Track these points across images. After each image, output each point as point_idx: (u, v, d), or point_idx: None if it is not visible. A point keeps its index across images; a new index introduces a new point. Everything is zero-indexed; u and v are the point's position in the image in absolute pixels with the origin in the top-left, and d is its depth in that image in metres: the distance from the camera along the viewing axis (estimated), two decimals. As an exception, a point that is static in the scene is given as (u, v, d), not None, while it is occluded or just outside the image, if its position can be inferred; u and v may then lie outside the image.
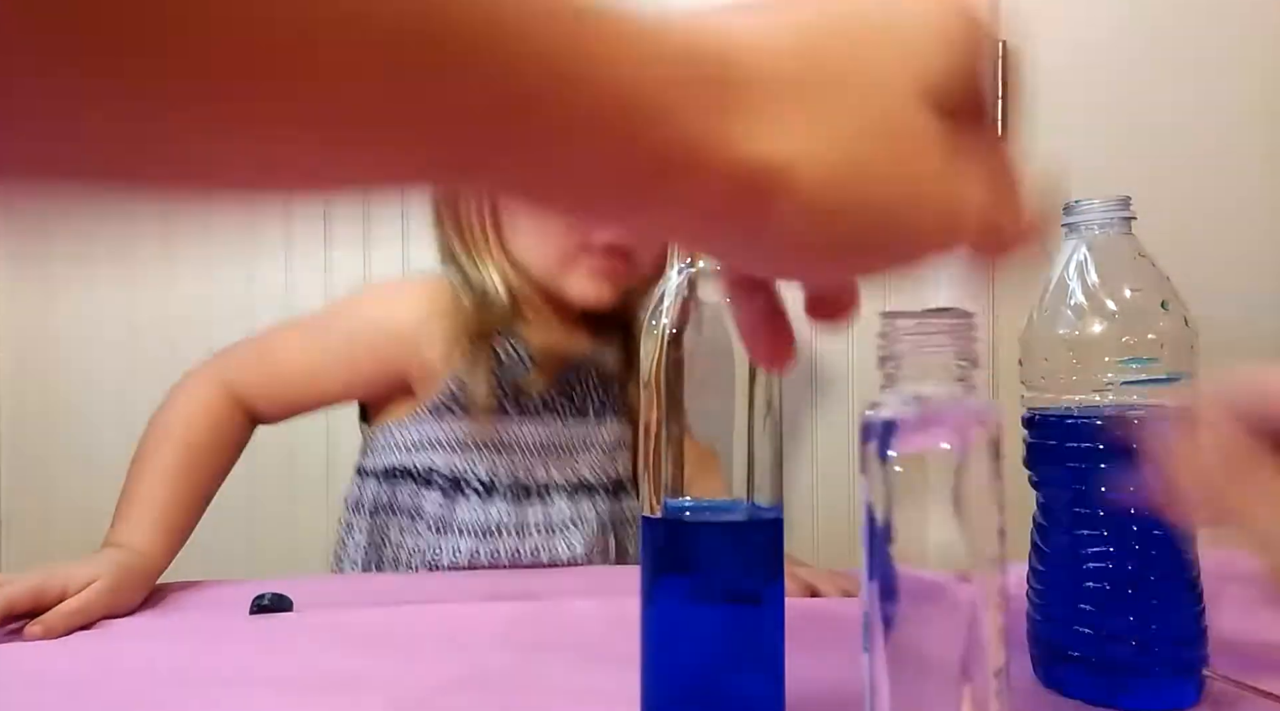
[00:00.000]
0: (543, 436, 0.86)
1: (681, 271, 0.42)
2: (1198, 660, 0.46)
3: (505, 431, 0.85)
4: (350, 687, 0.49)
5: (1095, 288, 0.48)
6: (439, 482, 0.85)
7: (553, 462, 0.86)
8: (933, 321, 0.29)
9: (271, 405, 0.85)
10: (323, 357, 0.86)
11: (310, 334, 0.88)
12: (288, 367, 0.85)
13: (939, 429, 0.28)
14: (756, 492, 0.42)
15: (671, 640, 0.42)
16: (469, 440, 0.84)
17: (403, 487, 0.86)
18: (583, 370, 0.88)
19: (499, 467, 0.85)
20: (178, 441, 0.78)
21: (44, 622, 0.59)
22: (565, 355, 0.86)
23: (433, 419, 0.85)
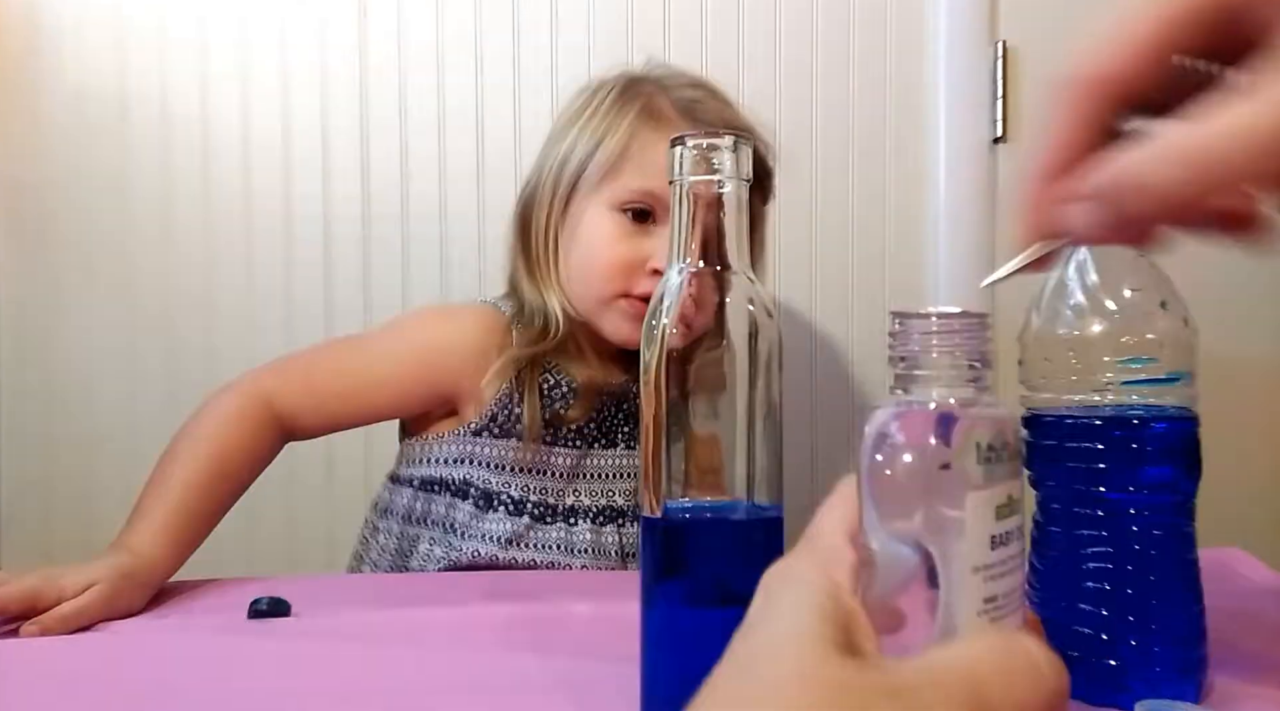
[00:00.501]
0: (576, 462, 0.89)
1: (681, 271, 0.42)
2: (1198, 660, 0.46)
3: (542, 455, 0.87)
4: (349, 690, 0.49)
5: (1095, 288, 0.48)
6: (474, 495, 0.87)
7: (584, 487, 0.89)
8: (945, 321, 0.29)
9: (314, 419, 0.86)
10: (372, 375, 0.88)
11: (359, 351, 0.91)
12: (335, 384, 0.87)
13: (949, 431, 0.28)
14: (756, 492, 0.42)
15: (672, 640, 0.42)
16: (505, 461, 0.87)
17: (438, 499, 0.88)
18: (618, 402, 0.91)
19: (531, 488, 0.87)
20: (204, 452, 0.78)
21: (40, 624, 0.59)
22: (603, 388, 0.89)
23: (474, 437, 0.87)
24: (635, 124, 0.86)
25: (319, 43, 1.21)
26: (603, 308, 0.86)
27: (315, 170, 1.21)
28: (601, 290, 0.85)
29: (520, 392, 0.86)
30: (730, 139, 0.42)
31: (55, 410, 1.22)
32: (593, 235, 0.86)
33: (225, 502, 0.79)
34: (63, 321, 1.22)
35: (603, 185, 0.86)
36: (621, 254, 0.84)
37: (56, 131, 1.21)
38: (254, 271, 1.21)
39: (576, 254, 0.87)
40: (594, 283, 0.86)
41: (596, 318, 0.87)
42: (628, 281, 0.84)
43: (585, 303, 0.87)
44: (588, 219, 0.87)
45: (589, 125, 0.88)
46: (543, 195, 0.89)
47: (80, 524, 1.22)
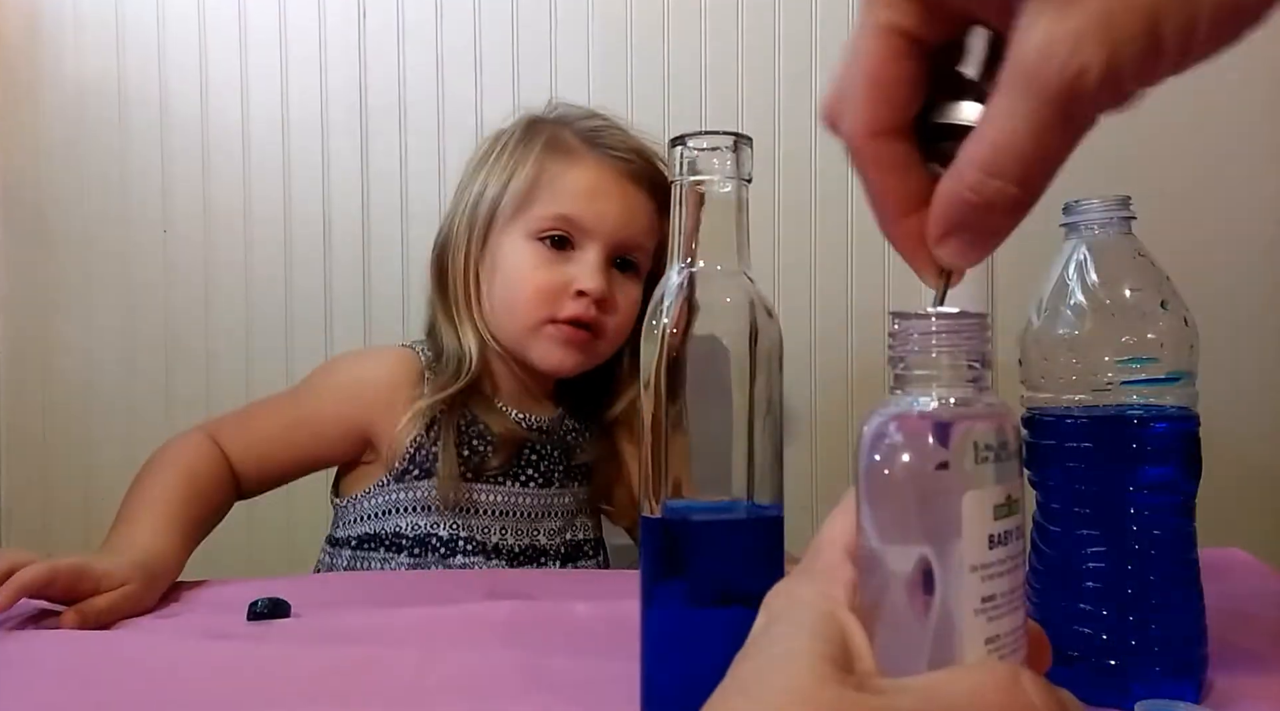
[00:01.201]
0: (501, 503, 0.90)
1: (681, 271, 0.42)
2: (1198, 660, 0.46)
3: (467, 493, 0.88)
4: (349, 690, 0.49)
5: (1095, 287, 0.48)
6: (406, 545, 0.88)
7: (510, 528, 0.90)
8: (944, 321, 0.29)
9: (251, 469, 0.87)
10: (294, 419, 0.89)
11: (285, 399, 0.92)
12: (263, 432, 0.88)
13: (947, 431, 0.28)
14: (756, 492, 0.42)
15: (671, 640, 0.42)
16: (431, 501, 0.88)
17: (374, 556, 0.89)
18: (546, 439, 0.92)
19: (460, 528, 0.88)
20: (179, 474, 0.80)
21: (81, 613, 0.60)
22: (522, 438, 0.90)
23: (396, 484, 0.88)
24: (542, 156, 0.88)
25: (318, 43, 1.21)
26: (530, 336, 0.87)
27: (315, 170, 1.21)
28: (527, 317, 0.86)
29: (436, 434, 0.87)
30: (730, 139, 0.42)
31: (55, 410, 1.22)
32: (514, 265, 0.87)
33: (201, 521, 0.79)
34: (62, 321, 1.22)
35: (518, 216, 0.88)
36: (545, 279, 0.86)
37: (56, 131, 1.21)
38: (253, 272, 1.21)
39: (499, 286, 0.88)
40: (519, 311, 0.87)
41: (524, 348, 0.88)
42: (553, 306, 0.86)
43: (512, 334, 0.88)
44: (506, 251, 0.88)
45: (497, 165, 0.90)
46: (458, 236, 0.90)
47: (80, 524, 1.22)
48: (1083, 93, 0.26)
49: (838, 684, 0.25)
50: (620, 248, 0.88)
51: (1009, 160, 0.28)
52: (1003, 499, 0.28)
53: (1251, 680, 0.47)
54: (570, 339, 0.87)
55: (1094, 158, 0.38)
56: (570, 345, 0.87)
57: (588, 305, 0.85)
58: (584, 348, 0.87)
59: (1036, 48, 0.26)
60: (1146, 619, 0.45)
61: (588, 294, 0.85)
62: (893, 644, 0.28)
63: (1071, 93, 0.26)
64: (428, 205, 1.21)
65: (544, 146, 0.89)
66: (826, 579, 0.29)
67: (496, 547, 0.88)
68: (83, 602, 0.61)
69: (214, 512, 0.82)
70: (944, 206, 0.29)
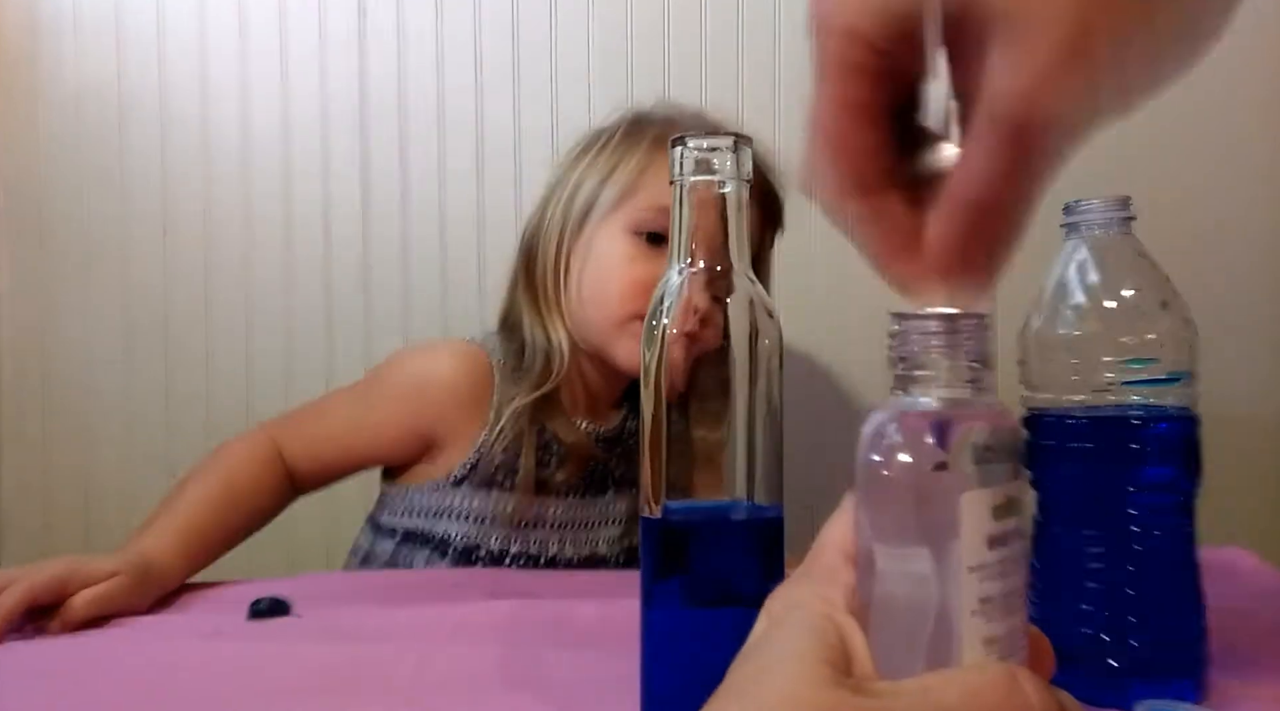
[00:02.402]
0: (563, 514, 0.88)
1: (681, 272, 0.42)
2: (1198, 660, 0.46)
3: (529, 507, 0.86)
4: (349, 688, 0.49)
5: (1095, 287, 0.48)
6: (452, 553, 0.86)
7: (569, 538, 0.88)
8: (945, 322, 0.29)
9: (310, 465, 0.86)
10: (355, 422, 0.87)
11: (349, 398, 0.90)
12: (324, 432, 0.87)
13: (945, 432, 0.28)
14: (756, 492, 0.42)
15: (672, 640, 0.42)
16: (486, 513, 0.86)
17: (419, 554, 0.87)
18: (610, 446, 0.90)
19: (513, 540, 0.86)
20: (214, 481, 0.79)
21: (61, 619, 0.60)
22: (590, 452, 0.88)
23: (453, 488, 0.86)
24: (650, 149, 0.85)
25: (318, 43, 1.21)
26: (617, 332, 0.84)
27: (315, 170, 1.21)
28: (617, 312, 0.83)
29: (507, 443, 0.85)
30: (730, 139, 0.42)
31: (55, 410, 1.22)
32: (608, 258, 0.85)
33: (235, 527, 0.79)
34: (62, 322, 1.22)
35: (618, 209, 0.85)
36: (638, 274, 0.83)
37: (56, 132, 1.21)
38: (252, 272, 1.21)
39: (589, 278, 0.86)
40: (609, 305, 0.84)
41: (609, 344, 0.85)
42: (644, 302, 0.82)
43: (597, 328, 0.85)
44: (601, 243, 0.85)
45: (599, 158, 0.87)
46: (550, 226, 0.88)
47: (80, 524, 1.22)
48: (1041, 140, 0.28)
49: (835, 686, 0.25)
50: None
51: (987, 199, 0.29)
52: (1002, 500, 0.28)
53: (1251, 680, 0.47)
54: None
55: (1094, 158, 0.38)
56: None
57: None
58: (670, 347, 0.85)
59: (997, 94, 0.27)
60: (1147, 619, 0.45)
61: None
62: (891, 645, 0.28)
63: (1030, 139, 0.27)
64: (427, 205, 1.21)
65: (652, 141, 0.86)
66: (825, 581, 0.29)
67: (553, 560, 0.87)
68: (65, 605, 0.61)
69: (250, 519, 0.81)
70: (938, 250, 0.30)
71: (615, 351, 0.85)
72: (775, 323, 0.43)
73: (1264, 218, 1.23)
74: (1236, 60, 1.22)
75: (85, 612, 0.61)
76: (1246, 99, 1.22)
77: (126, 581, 0.64)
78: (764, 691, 0.26)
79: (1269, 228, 1.23)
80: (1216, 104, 1.21)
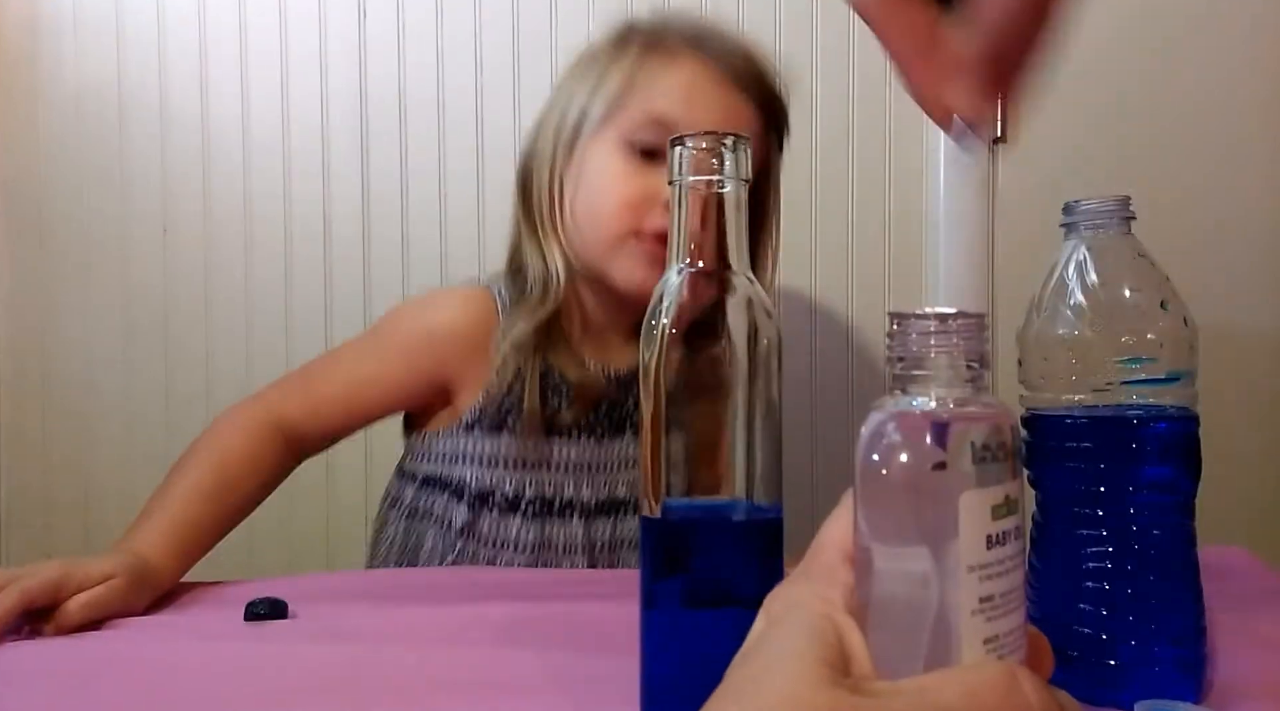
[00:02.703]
0: (575, 457, 0.86)
1: (681, 271, 0.42)
2: (1198, 660, 0.46)
3: (541, 449, 0.85)
4: (347, 689, 0.49)
5: (1095, 287, 0.48)
6: (468, 496, 0.85)
7: (585, 481, 0.86)
8: (943, 321, 0.29)
9: (315, 425, 0.84)
10: (361, 378, 0.86)
11: (350, 351, 0.88)
12: (328, 393, 0.85)
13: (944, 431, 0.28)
14: (756, 492, 0.42)
15: (671, 640, 0.42)
16: (498, 457, 0.85)
17: (438, 498, 0.87)
18: (627, 388, 0.87)
19: (527, 483, 0.85)
20: (206, 462, 0.78)
21: (56, 623, 0.60)
22: (599, 391, 0.86)
23: (466, 433, 0.85)
24: (638, 55, 0.82)
25: (318, 43, 1.21)
26: (612, 252, 0.81)
27: (315, 169, 1.21)
28: (611, 229, 0.81)
29: (514, 384, 0.83)
30: (730, 139, 0.42)
31: (55, 410, 1.22)
32: (600, 174, 0.81)
33: (230, 513, 0.78)
34: (62, 322, 1.22)
35: (609, 121, 0.82)
36: (632, 189, 0.80)
37: (56, 131, 1.21)
38: (252, 272, 1.22)
39: (583, 198, 0.83)
40: (603, 223, 0.81)
41: (606, 266, 0.82)
42: (638, 218, 0.80)
43: (594, 250, 0.82)
44: (594, 159, 0.82)
45: (589, 73, 0.84)
46: (543, 148, 0.85)
47: (80, 524, 1.22)
48: None
49: (833, 687, 0.25)
50: None
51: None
52: (1001, 499, 0.28)
53: (1251, 680, 0.47)
54: (656, 255, 0.79)
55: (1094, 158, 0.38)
56: (655, 263, 0.79)
57: None
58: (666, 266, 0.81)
59: None
60: (1146, 619, 0.45)
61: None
62: (890, 645, 0.28)
63: None
64: (428, 205, 1.21)
65: (641, 47, 0.82)
66: (824, 581, 0.29)
67: (569, 503, 0.85)
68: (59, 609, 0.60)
69: (247, 500, 0.79)
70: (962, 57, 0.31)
71: (612, 272, 0.82)
72: (775, 322, 0.43)
73: (1264, 218, 1.23)
74: (1237, 60, 1.22)
75: (80, 617, 0.60)
76: (1246, 99, 1.22)
77: (122, 584, 0.63)
78: (763, 691, 0.26)
79: (1269, 228, 1.23)
80: (1216, 104, 1.21)
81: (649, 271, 0.80)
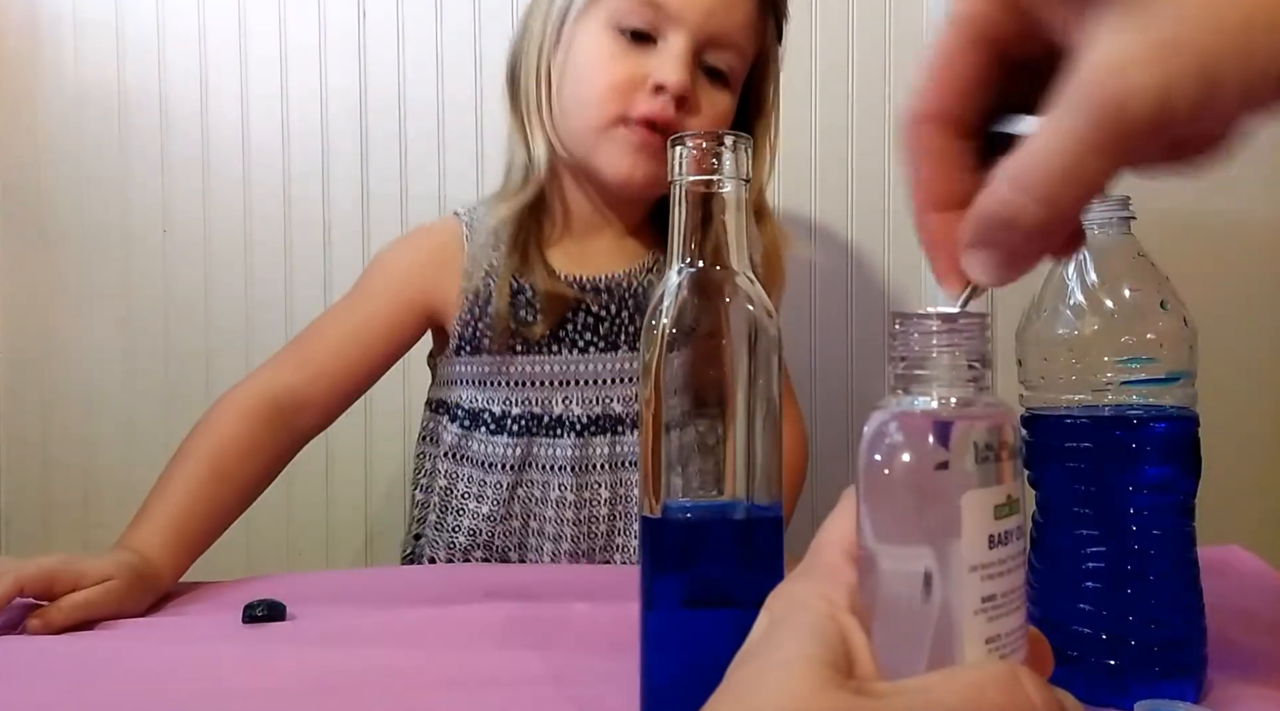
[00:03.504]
0: (559, 372, 0.84)
1: (681, 271, 0.42)
2: (1198, 660, 0.46)
3: (522, 366, 0.84)
4: (346, 692, 0.49)
5: (1095, 287, 0.48)
6: (461, 417, 0.86)
7: (576, 396, 0.84)
8: (945, 322, 0.29)
9: (317, 393, 0.82)
10: (357, 327, 0.84)
11: (338, 308, 0.88)
12: (328, 352, 0.83)
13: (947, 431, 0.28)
14: (756, 492, 0.42)
15: (671, 640, 0.42)
16: (483, 377, 0.85)
17: (441, 419, 0.88)
18: (622, 299, 0.85)
19: (514, 401, 0.84)
20: (203, 453, 0.76)
21: (43, 617, 0.59)
22: (568, 300, 0.83)
23: (455, 357, 0.86)
24: None
25: (318, 44, 1.21)
26: (599, 138, 0.79)
27: (315, 170, 1.21)
28: (599, 114, 0.78)
29: (485, 301, 0.83)
30: (730, 138, 0.42)
31: (55, 410, 1.22)
32: (587, 57, 0.79)
33: (229, 503, 0.76)
34: (62, 322, 1.22)
35: (597, 2, 0.79)
36: (619, 72, 0.77)
37: (56, 131, 1.21)
38: (252, 272, 1.22)
39: (570, 82, 0.80)
40: (590, 107, 0.79)
41: (593, 154, 0.79)
42: (625, 102, 0.77)
43: (581, 137, 0.80)
44: (581, 42, 0.79)
45: None
46: (530, 35, 0.83)
47: (80, 524, 1.22)
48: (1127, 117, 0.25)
49: (835, 687, 0.25)
50: (710, 41, 0.78)
51: (1039, 176, 0.27)
52: (1003, 499, 0.28)
53: (1251, 680, 0.47)
54: (643, 143, 0.77)
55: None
56: (642, 151, 0.77)
57: (665, 103, 0.76)
58: (657, 155, 0.75)
59: (1090, 63, 0.26)
60: (1146, 619, 0.45)
61: (666, 89, 0.76)
62: (892, 645, 0.28)
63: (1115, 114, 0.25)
64: (428, 205, 1.21)
65: None
66: (827, 580, 0.29)
67: (559, 420, 0.84)
68: (50, 606, 0.59)
69: (247, 488, 0.78)
70: (974, 214, 0.29)
71: (598, 161, 0.80)
72: (775, 322, 0.43)
73: (1264, 218, 1.23)
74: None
75: (66, 619, 0.59)
76: (1246, 99, 1.22)
77: (118, 587, 0.62)
78: (765, 692, 0.26)
79: (1269, 228, 1.23)
80: (1216, 104, 1.21)
81: (636, 159, 0.78)
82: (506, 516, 0.85)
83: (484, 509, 0.85)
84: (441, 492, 0.87)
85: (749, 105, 0.87)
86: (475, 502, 0.85)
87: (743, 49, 0.81)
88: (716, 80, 0.80)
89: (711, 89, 0.80)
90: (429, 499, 0.89)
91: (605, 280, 0.85)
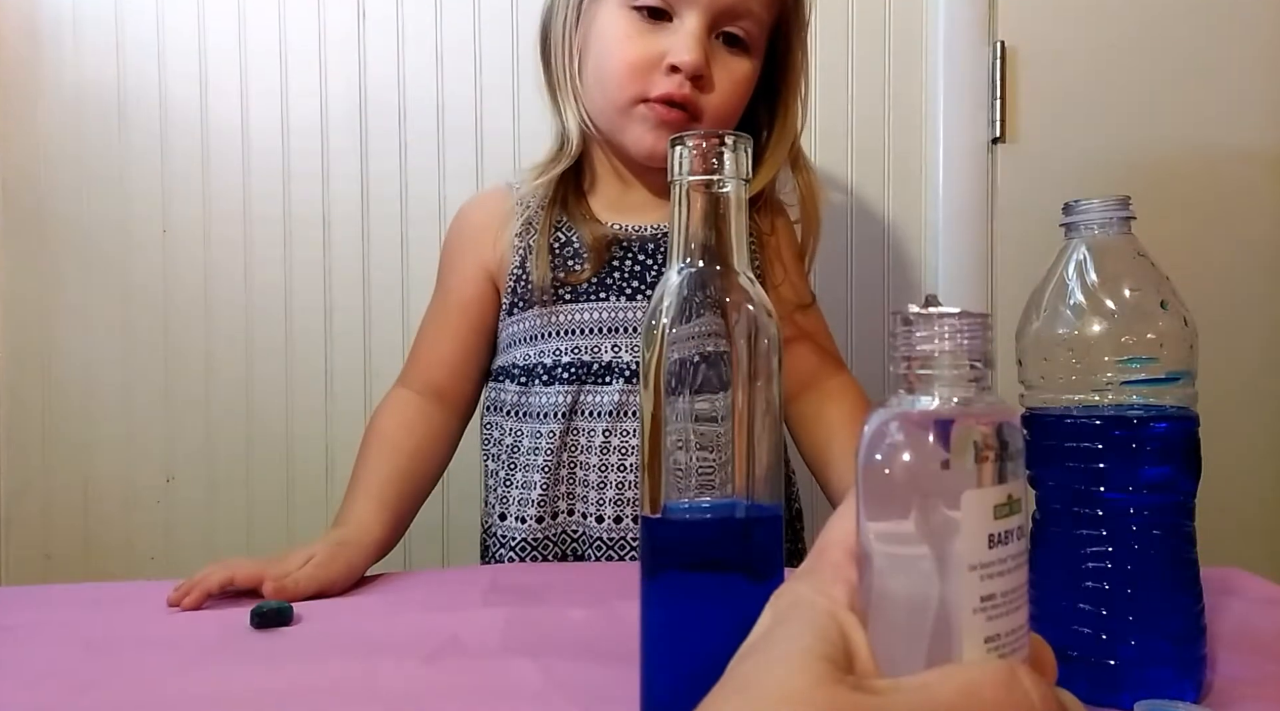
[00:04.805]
0: (607, 319, 0.85)
1: (681, 271, 0.42)
2: (1198, 660, 0.46)
3: (568, 315, 0.85)
4: (349, 695, 0.49)
5: (1095, 287, 0.48)
6: (516, 374, 0.87)
7: (624, 344, 0.84)
8: (946, 321, 0.29)
9: (447, 374, 0.88)
10: (448, 313, 0.90)
11: (434, 303, 0.92)
12: (436, 347, 0.89)
13: (947, 430, 0.28)
14: (756, 492, 0.42)
15: (671, 640, 0.42)
16: (534, 331, 0.86)
17: (500, 386, 0.90)
18: (652, 250, 0.86)
19: (564, 352, 0.85)
20: (376, 441, 0.84)
21: (277, 583, 0.65)
22: (610, 240, 0.85)
23: (508, 317, 0.88)
24: None
25: (318, 43, 1.21)
26: (622, 118, 0.82)
27: (315, 170, 1.21)
28: (618, 95, 0.81)
29: (529, 256, 0.85)
30: (730, 138, 0.42)
31: (55, 410, 1.22)
32: (606, 37, 0.81)
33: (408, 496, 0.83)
34: (62, 322, 1.22)
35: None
36: (635, 53, 0.79)
37: (56, 131, 1.21)
38: (252, 272, 1.22)
39: (592, 60, 0.83)
40: (610, 88, 0.81)
41: (619, 132, 0.83)
42: (644, 83, 0.80)
43: (606, 116, 0.83)
44: (600, 21, 0.82)
45: None
46: (556, 12, 0.85)
47: (80, 524, 1.22)
48: None
49: (834, 683, 0.25)
50: (724, 16, 0.80)
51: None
52: (1003, 498, 0.28)
53: (1251, 680, 0.47)
54: (663, 120, 0.80)
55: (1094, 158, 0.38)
56: (663, 127, 0.80)
57: (680, 82, 0.79)
58: (680, 128, 0.78)
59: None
60: (1146, 618, 0.45)
61: (680, 69, 0.78)
62: (892, 643, 0.28)
63: None
64: (428, 205, 1.21)
65: None
66: (829, 579, 0.29)
67: (608, 367, 0.84)
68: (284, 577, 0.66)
69: (423, 480, 0.85)
70: None
71: (623, 137, 0.83)
72: (775, 322, 0.43)
73: (1264, 218, 1.23)
74: (1237, 60, 1.22)
75: (291, 594, 0.65)
76: (1246, 100, 1.22)
77: (320, 558, 0.69)
78: (764, 686, 0.26)
79: (1269, 228, 1.23)
80: (1216, 104, 1.21)
81: (658, 136, 0.81)
82: (557, 465, 0.85)
83: (538, 460, 0.85)
84: (509, 451, 0.87)
85: (775, 65, 0.89)
86: (531, 455, 0.86)
87: (759, 16, 0.83)
88: (735, 46, 0.83)
89: (729, 57, 0.82)
90: (498, 466, 0.89)
91: (649, 229, 0.86)
